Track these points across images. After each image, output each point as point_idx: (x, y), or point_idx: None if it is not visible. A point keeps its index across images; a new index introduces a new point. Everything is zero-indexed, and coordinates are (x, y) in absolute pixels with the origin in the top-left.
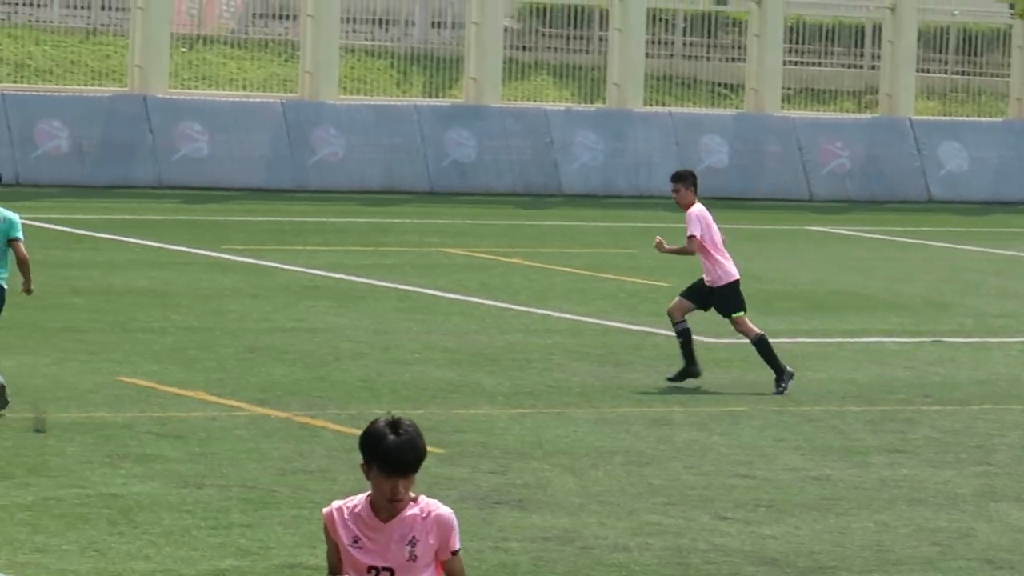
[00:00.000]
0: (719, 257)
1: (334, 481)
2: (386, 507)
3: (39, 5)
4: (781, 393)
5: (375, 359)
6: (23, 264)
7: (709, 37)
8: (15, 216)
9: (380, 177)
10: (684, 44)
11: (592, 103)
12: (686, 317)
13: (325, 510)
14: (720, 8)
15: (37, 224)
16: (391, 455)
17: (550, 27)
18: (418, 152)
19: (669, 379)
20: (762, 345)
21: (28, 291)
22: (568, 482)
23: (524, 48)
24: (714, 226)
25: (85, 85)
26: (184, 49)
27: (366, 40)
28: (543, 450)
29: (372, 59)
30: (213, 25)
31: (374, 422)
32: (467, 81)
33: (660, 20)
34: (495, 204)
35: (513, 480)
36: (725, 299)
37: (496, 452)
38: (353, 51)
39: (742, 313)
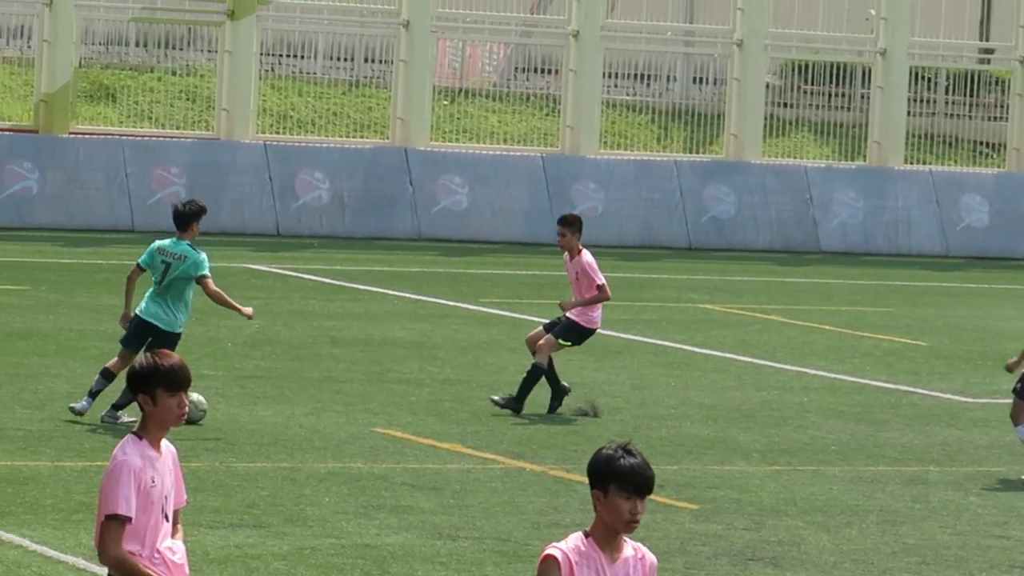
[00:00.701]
0: (600, 306)
1: None
2: (613, 541)
3: (303, 57)
4: (499, 403)
5: (631, 414)
6: (216, 299)
7: (971, 96)
8: (202, 256)
9: (639, 232)
10: (946, 102)
11: (852, 160)
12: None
13: (556, 553)
14: (983, 67)
15: (296, 275)
16: (633, 474)
17: (811, 84)
18: (677, 207)
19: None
20: (535, 373)
21: (248, 315)
22: (822, 540)
23: (785, 104)
24: None
25: (347, 137)
26: (446, 102)
27: (627, 95)
28: (797, 507)
29: (633, 114)
30: (475, 78)
31: (602, 448)
32: (727, 137)
33: (922, 78)
34: (753, 260)
35: (767, 537)
36: (574, 330)
37: (750, 509)
38: (614, 106)
39: (569, 344)
